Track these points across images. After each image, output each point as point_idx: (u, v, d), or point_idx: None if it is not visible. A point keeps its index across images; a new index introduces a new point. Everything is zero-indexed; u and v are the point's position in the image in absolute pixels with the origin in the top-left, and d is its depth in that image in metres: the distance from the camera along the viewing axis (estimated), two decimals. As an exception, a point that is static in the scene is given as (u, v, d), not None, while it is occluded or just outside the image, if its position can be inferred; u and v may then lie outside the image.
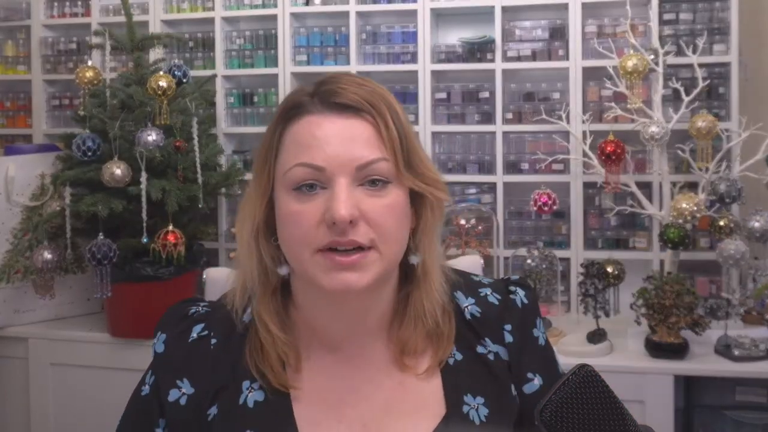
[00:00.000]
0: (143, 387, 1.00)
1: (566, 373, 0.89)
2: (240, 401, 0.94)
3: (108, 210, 2.33)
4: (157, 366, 0.98)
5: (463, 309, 1.03)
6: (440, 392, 0.97)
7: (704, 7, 2.60)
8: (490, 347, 1.02)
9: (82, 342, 2.54)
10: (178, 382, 0.96)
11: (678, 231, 2.31)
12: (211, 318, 0.99)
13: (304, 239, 0.89)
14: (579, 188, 2.64)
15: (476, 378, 0.99)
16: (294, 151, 0.90)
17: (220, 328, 0.98)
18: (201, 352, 0.97)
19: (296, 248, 0.90)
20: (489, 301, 1.04)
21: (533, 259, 2.46)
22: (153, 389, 0.98)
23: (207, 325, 0.99)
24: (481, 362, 1.00)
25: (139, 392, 1.00)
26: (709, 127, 2.35)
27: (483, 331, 1.02)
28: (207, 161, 2.56)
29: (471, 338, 1.02)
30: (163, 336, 0.99)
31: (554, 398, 0.87)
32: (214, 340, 0.97)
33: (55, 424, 2.55)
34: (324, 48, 2.86)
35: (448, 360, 0.99)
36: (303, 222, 0.89)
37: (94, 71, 2.49)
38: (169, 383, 0.96)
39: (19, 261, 2.60)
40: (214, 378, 0.96)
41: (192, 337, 0.98)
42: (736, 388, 2.15)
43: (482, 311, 1.03)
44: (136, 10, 2.85)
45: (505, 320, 1.03)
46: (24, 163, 2.62)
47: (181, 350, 0.97)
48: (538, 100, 2.72)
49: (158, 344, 0.99)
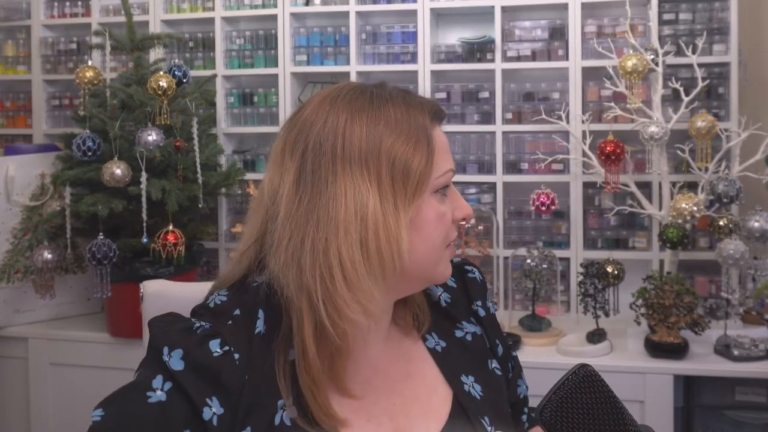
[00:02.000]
0: (151, 393, 0.87)
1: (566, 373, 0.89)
2: (276, 421, 0.90)
3: (108, 210, 2.33)
4: (182, 381, 0.88)
5: (438, 298, 1.11)
6: (439, 374, 1.04)
7: (704, 7, 2.61)
8: (466, 328, 1.11)
9: (82, 342, 2.54)
10: (207, 400, 0.88)
11: (677, 231, 2.32)
12: (223, 333, 0.92)
13: (447, 235, 0.98)
14: (579, 188, 2.64)
15: (462, 359, 1.07)
16: (443, 156, 0.97)
17: (238, 343, 0.91)
18: (229, 368, 0.89)
19: (438, 245, 0.97)
20: (449, 284, 1.13)
21: (533, 259, 2.46)
22: (175, 398, 0.87)
23: (224, 340, 0.91)
24: (461, 345, 1.08)
25: (144, 398, 0.87)
26: (709, 127, 2.35)
27: (458, 314, 1.11)
28: (207, 161, 2.56)
29: (448, 325, 1.10)
30: (178, 351, 0.88)
31: (554, 398, 0.87)
32: (236, 355, 0.91)
33: (55, 423, 2.55)
34: (324, 48, 2.86)
35: (436, 347, 1.07)
36: (447, 220, 0.97)
37: (94, 71, 2.49)
38: (200, 401, 0.87)
39: (19, 261, 2.60)
40: (244, 397, 0.89)
41: (216, 352, 0.89)
42: (736, 387, 2.16)
43: (451, 296, 1.12)
44: (136, 10, 2.86)
45: (474, 298, 1.14)
46: (24, 163, 2.62)
47: (206, 365, 0.89)
48: (538, 100, 2.72)
49: (174, 361, 0.88)
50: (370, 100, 0.95)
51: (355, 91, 0.97)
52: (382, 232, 0.90)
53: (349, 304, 0.89)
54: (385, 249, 0.90)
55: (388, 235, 0.90)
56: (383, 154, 0.92)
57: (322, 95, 0.98)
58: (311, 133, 0.94)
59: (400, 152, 0.92)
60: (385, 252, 0.90)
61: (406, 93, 0.99)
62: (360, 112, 0.94)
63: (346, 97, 0.96)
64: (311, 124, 0.94)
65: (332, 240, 0.89)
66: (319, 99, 0.97)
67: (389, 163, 0.92)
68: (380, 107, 0.95)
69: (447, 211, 0.97)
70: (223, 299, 0.97)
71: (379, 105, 0.95)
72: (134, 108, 2.44)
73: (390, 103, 0.95)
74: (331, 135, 0.92)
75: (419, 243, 0.94)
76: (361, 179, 0.90)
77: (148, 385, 0.88)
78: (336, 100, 0.95)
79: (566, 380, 0.88)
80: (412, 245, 0.93)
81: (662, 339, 2.19)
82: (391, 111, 0.94)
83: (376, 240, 0.89)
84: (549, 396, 0.88)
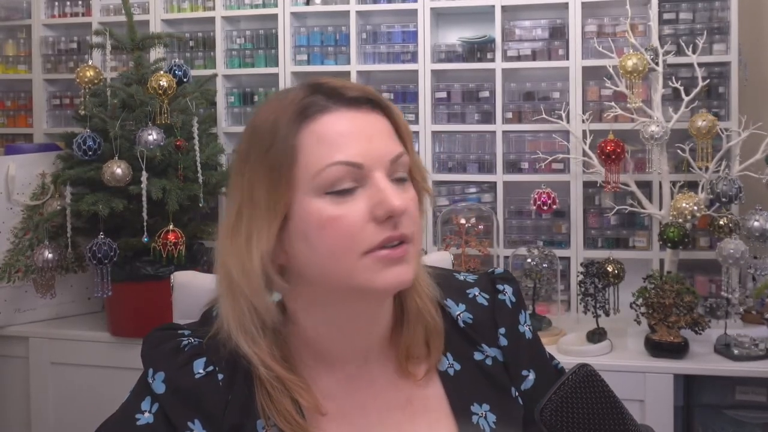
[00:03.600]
0: (139, 415, 0.88)
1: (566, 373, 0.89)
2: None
3: (108, 209, 2.33)
4: (164, 404, 0.88)
5: (455, 318, 1.00)
6: (446, 403, 0.96)
7: (704, 7, 2.61)
8: (487, 352, 1.00)
9: (82, 341, 2.54)
10: (189, 423, 0.87)
11: (678, 230, 2.32)
12: (210, 350, 0.90)
13: (350, 244, 0.82)
14: (579, 187, 2.64)
15: (478, 385, 0.98)
16: (321, 151, 0.83)
17: (223, 361, 0.89)
18: (211, 390, 0.88)
19: (339, 256, 0.83)
20: (478, 302, 1.02)
21: (533, 259, 2.46)
22: (161, 420, 0.87)
23: (209, 360, 0.89)
24: (479, 369, 0.99)
25: (133, 421, 0.88)
26: (709, 127, 2.35)
27: (478, 337, 1.00)
28: (207, 160, 2.56)
29: (466, 346, 1.00)
30: (161, 375, 0.88)
31: (554, 398, 0.87)
32: (220, 375, 0.89)
33: (55, 423, 2.55)
34: (324, 48, 2.86)
35: (448, 370, 0.97)
36: (345, 226, 0.82)
37: (95, 71, 2.49)
38: (182, 424, 0.87)
39: (19, 260, 2.60)
40: (226, 419, 0.88)
41: (199, 373, 0.88)
42: (736, 387, 2.16)
43: (474, 317, 1.01)
44: (136, 10, 2.86)
45: (498, 324, 1.01)
46: (24, 163, 2.62)
47: (187, 389, 0.87)
48: (538, 99, 2.72)
49: (157, 384, 0.88)
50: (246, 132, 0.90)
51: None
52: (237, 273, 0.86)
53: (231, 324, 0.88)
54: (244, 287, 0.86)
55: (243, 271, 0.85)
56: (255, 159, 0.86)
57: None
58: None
59: (252, 174, 0.86)
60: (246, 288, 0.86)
61: (318, 83, 0.89)
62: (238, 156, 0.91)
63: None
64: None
65: None
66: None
67: (251, 170, 0.86)
68: (247, 139, 0.90)
69: (348, 214, 0.83)
70: (215, 313, 0.95)
71: (247, 137, 0.90)
72: (135, 107, 2.44)
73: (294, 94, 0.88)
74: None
75: (309, 253, 0.84)
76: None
77: (137, 407, 0.89)
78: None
79: (566, 380, 0.88)
80: (300, 254, 0.85)
81: (662, 338, 2.19)
82: (258, 131, 0.88)
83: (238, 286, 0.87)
84: (549, 396, 0.88)
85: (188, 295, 1.43)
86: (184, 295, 1.44)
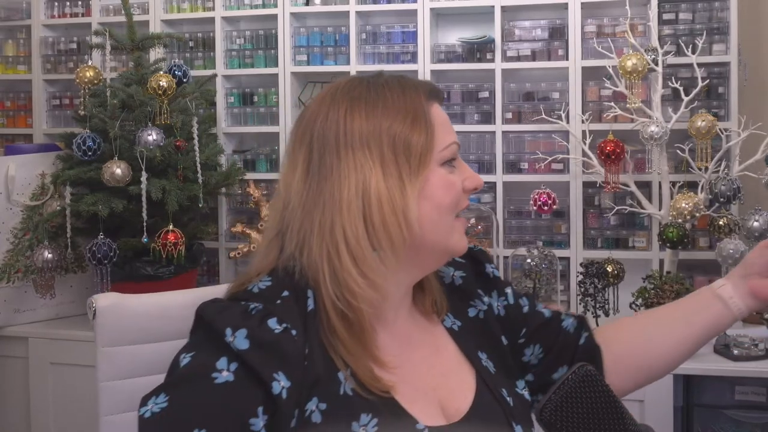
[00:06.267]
0: (216, 374, 0.88)
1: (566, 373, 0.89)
2: (341, 392, 0.94)
3: (108, 209, 2.33)
4: (249, 359, 0.89)
5: (451, 278, 1.16)
6: (460, 353, 1.09)
7: (704, 7, 2.61)
8: (479, 306, 1.15)
9: (82, 341, 2.53)
10: (275, 375, 0.90)
11: (677, 230, 2.32)
12: (277, 312, 0.94)
13: (455, 205, 1.02)
14: (578, 188, 2.64)
15: (476, 337, 1.12)
16: (443, 130, 1.02)
17: (292, 320, 0.94)
18: (290, 344, 0.92)
19: (445, 215, 1.01)
20: (457, 260, 1.17)
21: (533, 259, 2.47)
22: (243, 377, 0.89)
23: (280, 319, 0.93)
24: (474, 323, 1.14)
25: (210, 380, 0.88)
26: (709, 127, 2.35)
27: (471, 292, 1.16)
28: (207, 161, 2.56)
29: (462, 305, 1.14)
30: (242, 332, 0.90)
31: (554, 398, 0.88)
32: (294, 331, 0.93)
33: (55, 423, 2.55)
34: (324, 48, 2.86)
35: (453, 327, 1.11)
36: (457, 188, 1.02)
37: (95, 71, 2.49)
38: (268, 376, 0.89)
39: (19, 260, 2.60)
40: (307, 371, 0.93)
41: (276, 329, 0.92)
42: (736, 387, 2.16)
43: (465, 275, 1.16)
44: (136, 10, 2.85)
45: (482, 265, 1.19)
46: (24, 163, 2.62)
47: (270, 342, 0.91)
48: (538, 99, 2.72)
49: (239, 341, 0.89)
50: (367, 89, 1.02)
51: (353, 83, 1.04)
52: (386, 205, 0.95)
53: (356, 279, 0.94)
54: (390, 221, 0.95)
55: (393, 207, 0.96)
56: (383, 135, 0.98)
57: (323, 92, 1.05)
58: (315, 127, 1.01)
59: (399, 130, 0.99)
60: (391, 223, 0.95)
61: (401, 78, 1.06)
62: (358, 100, 1.01)
63: (344, 89, 1.03)
64: (315, 119, 1.01)
65: (336, 219, 0.95)
66: (321, 96, 1.05)
67: (390, 142, 0.98)
68: (377, 93, 1.01)
69: (456, 180, 1.02)
70: (268, 284, 0.99)
71: (376, 91, 1.02)
72: (134, 108, 2.44)
73: (386, 89, 1.02)
74: (333, 125, 0.99)
75: (431, 211, 0.99)
76: (363, 160, 0.97)
77: (212, 368, 0.89)
78: (335, 94, 1.03)
79: (566, 380, 0.88)
80: (423, 213, 0.98)
81: (662, 338, 2.19)
82: (388, 95, 1.01)
83: (380, 213, 0.95)
84: (549, 396, 0.88)
85: (115, 321, 1.28)
86: (109, 320, 1.28)
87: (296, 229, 0.98)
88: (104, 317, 1.27)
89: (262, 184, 2.82)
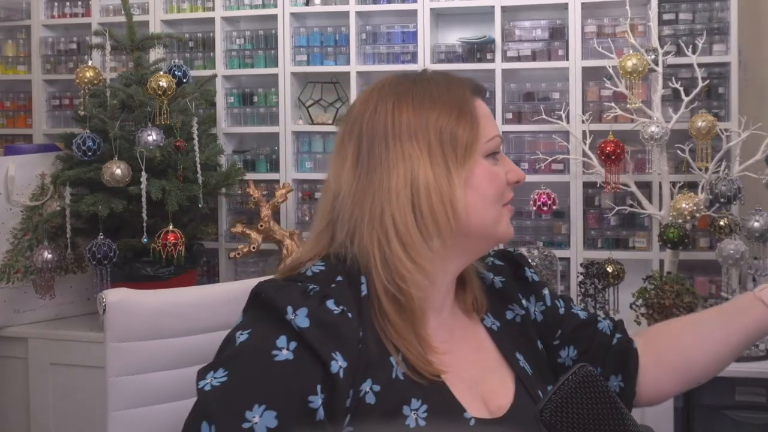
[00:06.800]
0: (276, 352, 0.90)
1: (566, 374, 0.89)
2: (393, 375, 0.96)
3: (108, 210, 2.33)
4: (309, 338, 0.91)
5: (491, 281, 1.19)
6: (499, 353, 1.12)
7: (704, 7, 2.61)
8: (517, 310, 1.17)
9: (82, 342, 2.53)
10: (333, 354, 0.91)
11: (677, 231, 2.32)
12: (334, 294, 0.96)
13: (500, 196, 1.05)
14: (579, 188, 2.64)
15: (514, 339, 1.14)
16: (487, 123, 1.07)
17: (348, 303, 0.96)
18: (346, 326, 0.94)
19: (492, 203, 1.04)
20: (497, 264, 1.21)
21: (533, 259, 2.46)
22: (302, 355, 0.90)
23: (337, 301, 0.95)
24: (512, 326, 1.16)
25: (270, 357, 0.89)
26: (709, 127, 2.35)
27: (510, 296, 1.18)
28: (207, 161, 2.56)
29: (501, 307, 1.17)
30: (303, 310, 0.92)
31: (554, 398, 0.87)
32: (350, 314, 0.95)
33: (55, 424, 2.55)
34: (324, 48, 2.86)
35: (492, 326, 1.14)
36: (500, 180, 1.05)
37: (94, 71, 2.49)
38: (327, 355, 0.91)
39: (19, 261, 2.60)
40: (361, 354, 0.95)
41: (335, 311, 0.94)
42: (736, 387, 2.16)
43: (505, 279, 1.19)
44: (136, 10, 2.85)
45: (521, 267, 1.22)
46: (24, 163, 2.62)
47: (329, 322, 0.93)
48: (538, 99, 2.72)
49: (300, 319, 0.91)
50: (413, 84, 1.06)
51: (398, 80, 1.08)
52: (434, 194, 0.99)
53: (406, 264, 0.98)
54: (438, 209, 0.99)
55: (441, 196, 0.99)
56: (431, 127, 1.02)
57: (368, 90, 1.09)
58: (364, 120, 1.04)
59: (446, 123, 1.02)
60: (438, 211, 0.99)
61: (445, 73, 1.10)
62: (405, 94, 1.04)
63: (391, 85, 1.07)
64: (363, 113, 1.05)
65: (386, 207, 0.99)
66: (367, 93, 1.08)
67: (437, 134, 1.02)
68: (423, 88, 1.05)
69: (500, 172, 1.05)
70: (322, 268, 1.00)
71: (422, 86, 1.05)
72: (134, 108, 2.44)
73: (432, 84, 1.06)
74: (382, 117, 1.03)
75: (477, 200, 1.02)
76: (411, 150, 1.00)
77: (271, 345, 0.90)
78: (382, 90, 1.06)
79: (566, 380, 0.88)
80: (469, 203, 1.01)
81: (662, 339, 2.19)
82: (434, 89, 1.05)
83: (428, 201, 0.99)
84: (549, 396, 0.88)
85: (125, 316, 1.26)
86: (120, 315, 1.26)
87: (347, 218, 1.01)
88: (114, 313, 1.27)
89: (262, 184, 2.82)
